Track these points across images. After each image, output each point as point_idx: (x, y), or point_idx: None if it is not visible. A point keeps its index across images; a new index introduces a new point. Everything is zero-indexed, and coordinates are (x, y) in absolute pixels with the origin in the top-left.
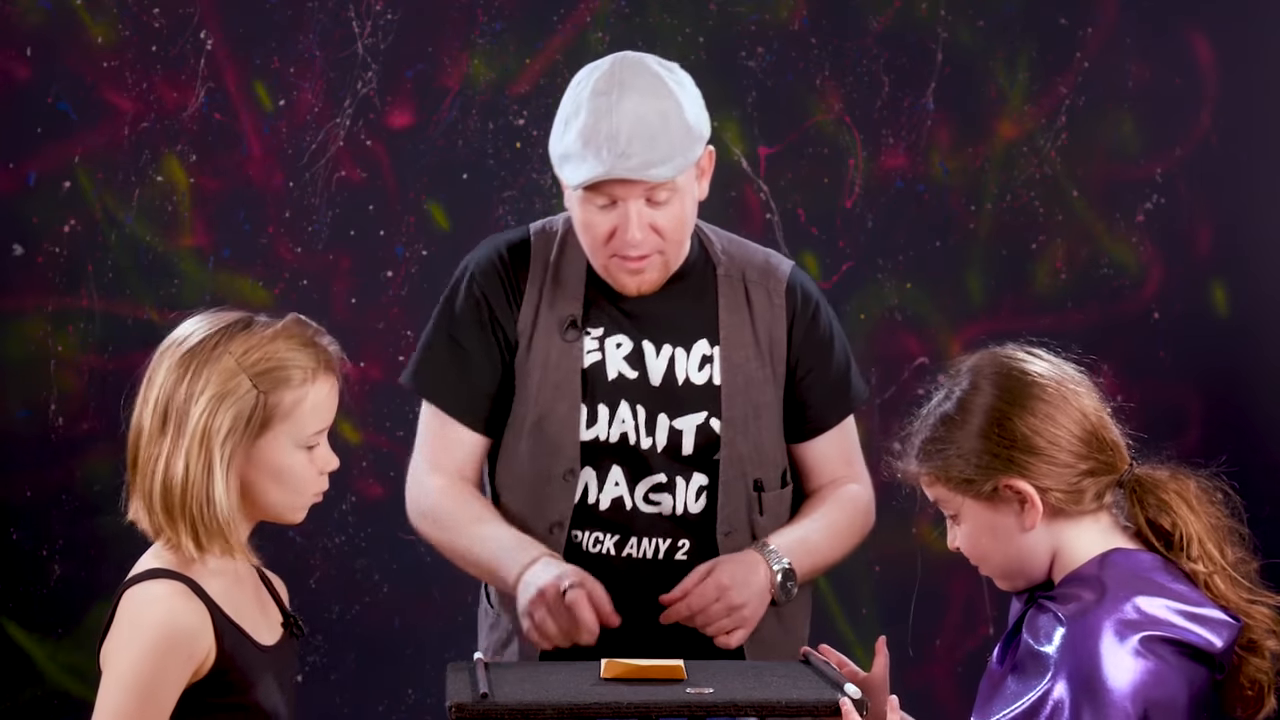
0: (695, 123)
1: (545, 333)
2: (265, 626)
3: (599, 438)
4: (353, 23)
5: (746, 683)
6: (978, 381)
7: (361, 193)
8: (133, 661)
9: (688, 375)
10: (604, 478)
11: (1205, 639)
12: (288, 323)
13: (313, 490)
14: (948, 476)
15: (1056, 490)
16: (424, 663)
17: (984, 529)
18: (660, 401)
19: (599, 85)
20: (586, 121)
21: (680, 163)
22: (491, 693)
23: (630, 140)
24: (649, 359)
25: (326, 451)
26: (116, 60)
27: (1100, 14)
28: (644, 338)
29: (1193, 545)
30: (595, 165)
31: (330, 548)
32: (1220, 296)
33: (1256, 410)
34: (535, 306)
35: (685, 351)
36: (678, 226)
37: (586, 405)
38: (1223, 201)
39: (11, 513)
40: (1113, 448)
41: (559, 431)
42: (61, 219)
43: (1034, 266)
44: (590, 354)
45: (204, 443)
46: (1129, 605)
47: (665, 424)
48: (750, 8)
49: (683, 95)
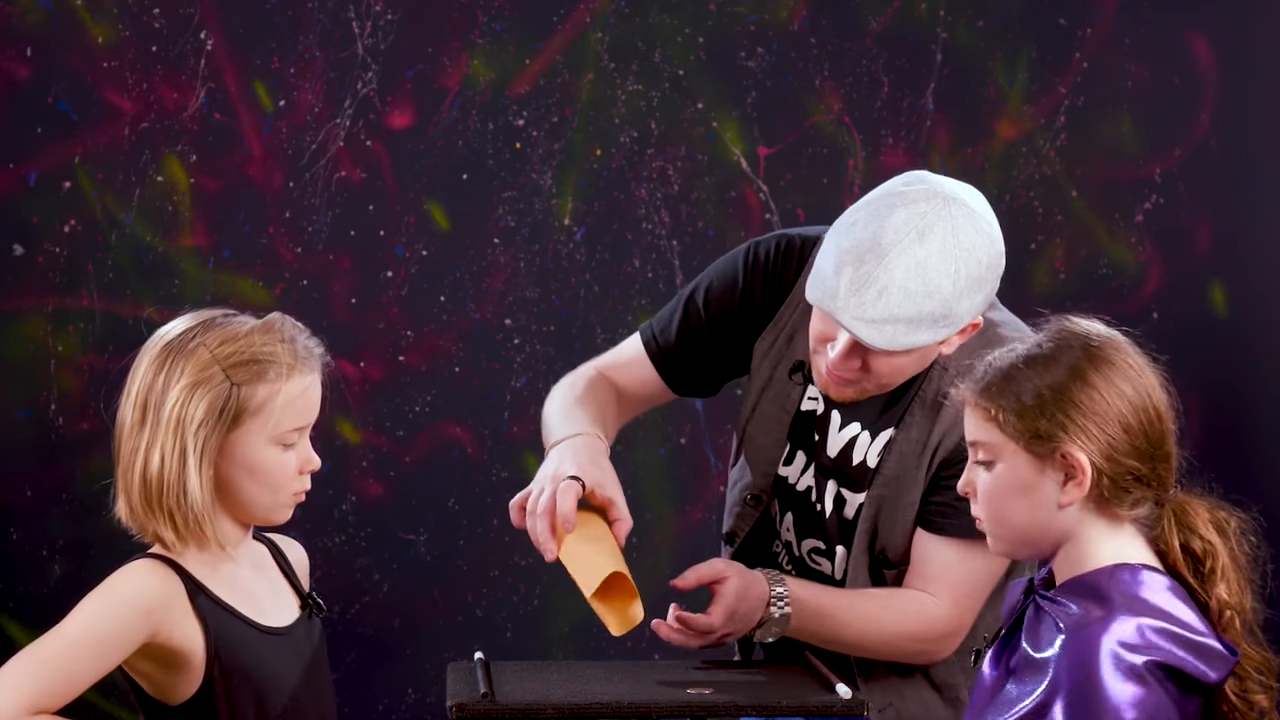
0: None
1: (774, 362)
2: (276, 609)
3: (789, 479)
4: (353, 23)
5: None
6: (1072, 341)
7: (361, 193)
8: (86, 606)
9: (865, 458)
10: (783, 519)
11: (1201, 670)
12: (268, 319)
13: (291, 489)
14: (1012, 420)
15: (1109, 477)
16: (424, 663)
17: (1018, 486)
18: (833, 469)
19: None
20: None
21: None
22: (492, 692)
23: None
24: (832, 429)
25: (307, 451)
26: (116, 60)
27: (1100, 14)
28: (834, 407)
29: (1223, 576)
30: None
31: (330, 548)
32: (1219, 296)
33: (1256, 410)
34: (780, 329)
35: (871, 436)
36: (891, 376)
37: (790, 445)
38: (1222, 201)
39: (11, 513)
40: (1170, 465)
41: (755, 459)
42: (61, 219)
43: (1033, 266)
44: (810, 400)
45: (178, 433)
46: (1132, 626)
47: (834, 490)
48: (750, 8)
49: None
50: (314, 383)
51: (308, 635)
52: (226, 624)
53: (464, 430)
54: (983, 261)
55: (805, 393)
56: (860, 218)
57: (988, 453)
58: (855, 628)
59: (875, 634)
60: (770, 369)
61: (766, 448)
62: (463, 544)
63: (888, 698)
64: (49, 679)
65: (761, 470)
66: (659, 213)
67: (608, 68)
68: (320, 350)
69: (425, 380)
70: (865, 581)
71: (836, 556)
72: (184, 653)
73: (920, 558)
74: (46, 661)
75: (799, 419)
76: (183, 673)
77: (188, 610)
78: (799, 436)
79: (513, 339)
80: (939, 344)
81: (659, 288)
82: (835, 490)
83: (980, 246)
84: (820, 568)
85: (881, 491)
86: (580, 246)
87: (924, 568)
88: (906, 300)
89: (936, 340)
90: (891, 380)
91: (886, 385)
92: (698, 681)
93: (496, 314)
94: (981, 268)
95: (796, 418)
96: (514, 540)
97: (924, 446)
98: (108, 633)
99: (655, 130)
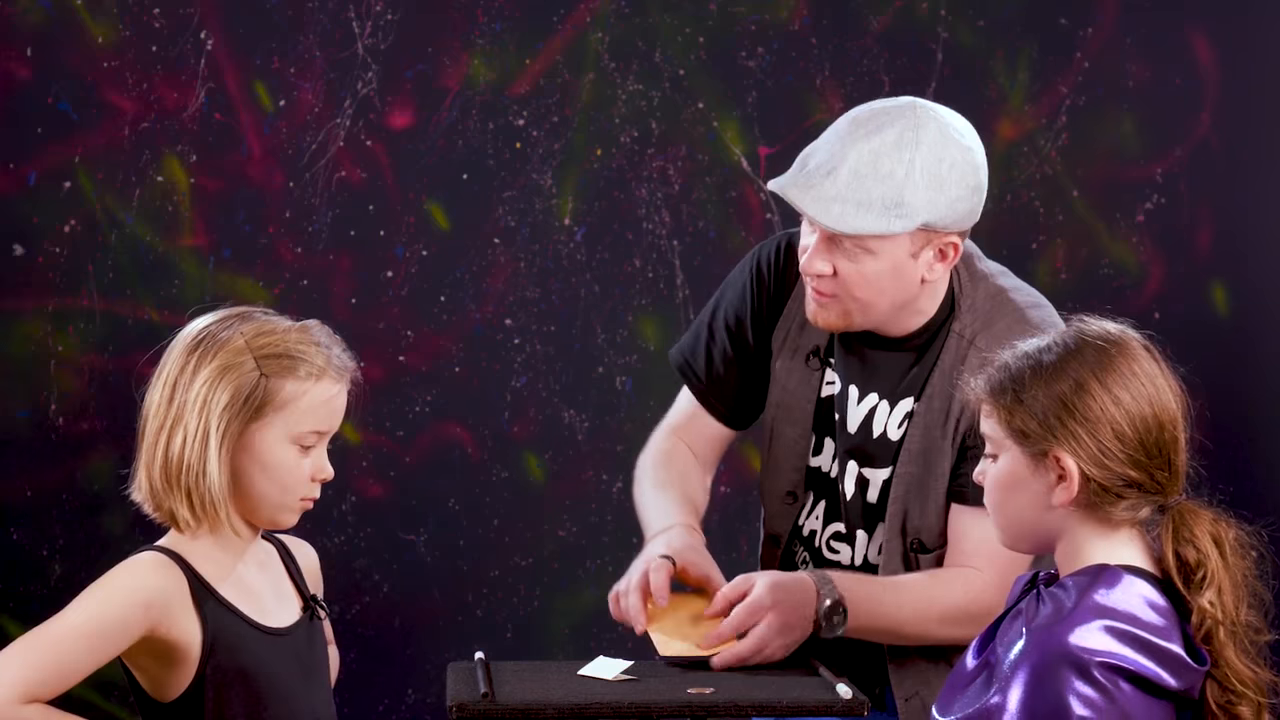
0: (910, 198)
1: (790, 353)
2: (278, 609)
3: (821, 468)
4: (353, 23)
5: (747, 683)
6: (1083, 347)
7: (361, 193)
8: (86, 597)
9: (885, 430)
10: (814, 508)
11: (1158, 675)
12: (307, 322)
13: (300, 493)
14: (1008, 420)
15: (1098, 483)
16: (424, 663)
17: (1014, 482)
18: (853, 447)
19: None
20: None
21: (866, 224)
22: (492, 692)
23: (832, 174)
24: (850, 403)
25: (322, 459)
26: (116, 60)
27: (1100, 14)
28: (851, 381)
29: (1213, 586)
30: (791, 175)
31: (330, 548)
32: (1220, 296)
33: (1256, 410)
34: (791, 320)
35: (890, 406)
36: (861, 284)
37: (815, 434)
38: (1223, 201)
39: (11, 513)
40: (1173, 473)
41: (784, 455)
42: (61, 219)
43: (1034, 266)
44: (829, 385)
45: (202, 414)
46: (1095, 627)
47: (855, 471)
48: (750, 8)
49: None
50: (341, 392)
51: (308, 638)
52: (226, 622)
53: (464, 430)
54: (945, 161)
55: (824, 377)
56: (836, 123)
57: (993, 446)
58: (908, 609)
59: (926, 613)
60: (788, 359)
61: (794, 440)
62: (463, 544)
63: (915, 686)
64: (44, 667)
65: (793, 465)
66: (659, 213)
67: (608, 68)
68: (352, 365)
69: (425, 380)
70: (899, 570)
71: (856, 542)
72: (180, 648)
73: (957, 534)
74: (42, 650)
75: (821, 406)
76: (177, 668)
77: (188, 606)
78: (823, 424)
79: (513, 339)
80: (909, 252)
81: (659, 288)
82: (856, 471)
83: (944, 148)
84: (838, 555)
85: (909, 469)
86: (580, 246)
87: (962, 543)
88: (855, 181)
89: (889, 230)
90: (865, 295)
91: (863, 303)
92: (698, 681)
93: (496, 314)
94: (943, 167)
95: (819, 405)
96: (514, 541)
97: (947, 416)
98: (105, 624)
99: (655, 130)
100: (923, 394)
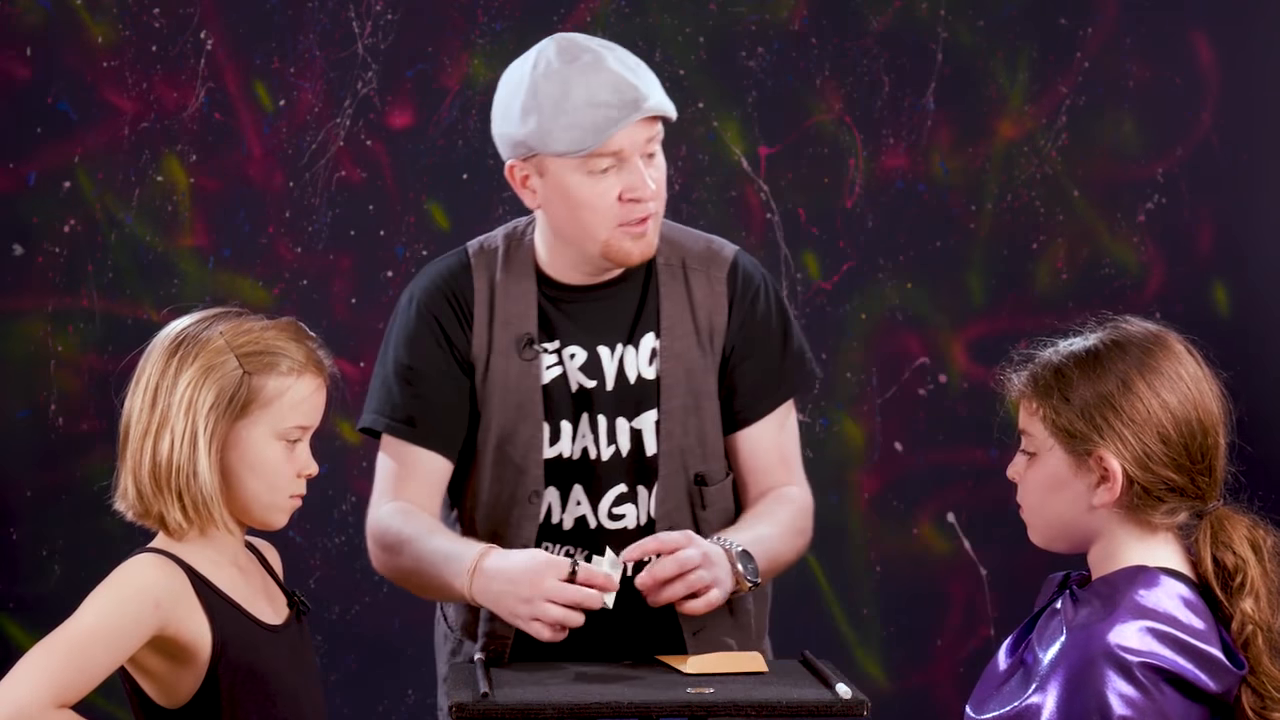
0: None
1: (501, 353)
2: (271, 610)
3: (562, 455)
4: (353, 23)
5: (746, 683)
6: (1128, 345)
7: (361, 193)
8: (96, 599)
9: (639, 372)
10: (567, 496)
11: (1199, 678)
12: (284, 320)
13: (288, 490)
14: (1054, 419)
15: (1141, 485)
16: (424, 663)
17: (1053, 481)
18: (618, 405)
19: (569, 55)
20: (582, 83)
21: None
22: (492, 693)
23: (644, 80)
24: (605, 364)
25: (306, 455)
26: (116, 60)
27: (1100, 14)
28: (598, 343)
29: (1252, 592)
30: (621, 112)
31: (330, 548)
32: (1221, 296)
33: (1257, 410)
34: (488, 326)
35: (635, 349)
36: (664, 180)
37: (549, 424)
38: (1223, 201)
39: (11, 513)
40: (1213, 478)
41: (523, 454)
42: (61, 219)
43: (1035, 266)
44: (550, 369)
45: (189, 416)
46: (1135, 628)
47: (625, 427)
48: (750, 8)
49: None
50: (321, 387)
51: (300, 635)
52: (232, 619)
53: None
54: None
55: (543, 364)
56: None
57: (1031, 444)
58: (788, 546)
59: (796, 540)
60: (502, 358)
61: (530, 436)
62: None
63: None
64: (68, 672)
65: (534, 461)
66: None
67: None
68: (329, 361)
69: None
70: (684, 514)
71: (639, 497)
72: (191, 646)
73: (752, 453)
74: (64, 655)
75: (548, 394)
76: (189, 667)
77: (194, 604)
78: (560, 410)
79: None
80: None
81: None
82: (628, 427)
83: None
84: (623, 521)
85: (675, 402)
86: None
87: (761, 461)
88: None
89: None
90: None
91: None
92: (698, 681)
93: None
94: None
95: (545, 394)
96: None
97: (697, 338)
98: (121, 624)
99: None
100: (660, 327)
